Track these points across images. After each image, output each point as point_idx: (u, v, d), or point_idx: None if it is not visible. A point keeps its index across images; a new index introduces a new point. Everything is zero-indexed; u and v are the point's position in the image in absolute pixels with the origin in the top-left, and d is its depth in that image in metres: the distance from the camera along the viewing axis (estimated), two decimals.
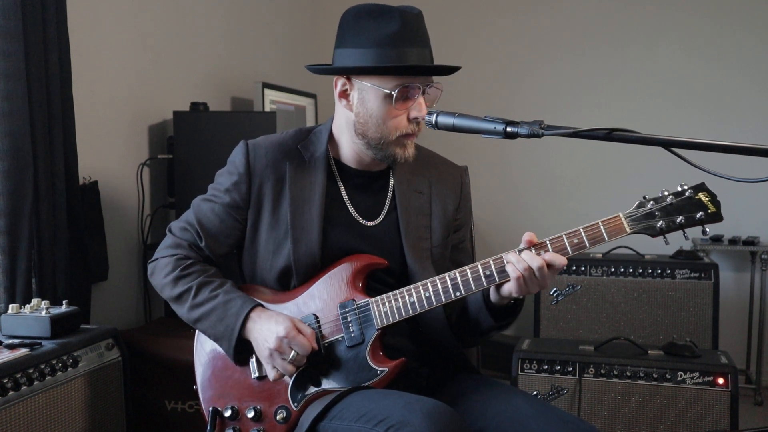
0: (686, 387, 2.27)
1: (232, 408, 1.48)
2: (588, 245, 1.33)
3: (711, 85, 3.77)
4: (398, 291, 1.43)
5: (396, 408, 1.27)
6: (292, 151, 1.55)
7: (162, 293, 1.54)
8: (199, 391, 1.54)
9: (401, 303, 1.42)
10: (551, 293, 3.17)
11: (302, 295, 1.50)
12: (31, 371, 1.64)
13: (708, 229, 1.28)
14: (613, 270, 3.16)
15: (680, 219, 1.28)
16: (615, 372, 2.34)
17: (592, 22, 3.96)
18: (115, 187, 2.62)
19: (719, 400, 2.25)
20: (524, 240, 1.36)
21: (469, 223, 1.74)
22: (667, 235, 1.31)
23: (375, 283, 1.51)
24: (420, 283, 1.42)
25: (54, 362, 1.71)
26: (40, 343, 1.73)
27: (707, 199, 1.28)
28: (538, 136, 1.19)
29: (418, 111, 1.44)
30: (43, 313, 1.80)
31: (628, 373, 2.33)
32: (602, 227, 1.32)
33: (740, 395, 2.30)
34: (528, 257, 1.31)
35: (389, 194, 1.57)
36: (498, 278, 1.37)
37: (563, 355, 2.40)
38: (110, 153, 2.61)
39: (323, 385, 1.44)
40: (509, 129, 1.21)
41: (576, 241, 1.33)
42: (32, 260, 2.07)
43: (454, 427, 1.24)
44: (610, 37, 3.93)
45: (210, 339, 1.51)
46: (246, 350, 1.48)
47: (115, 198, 2.62)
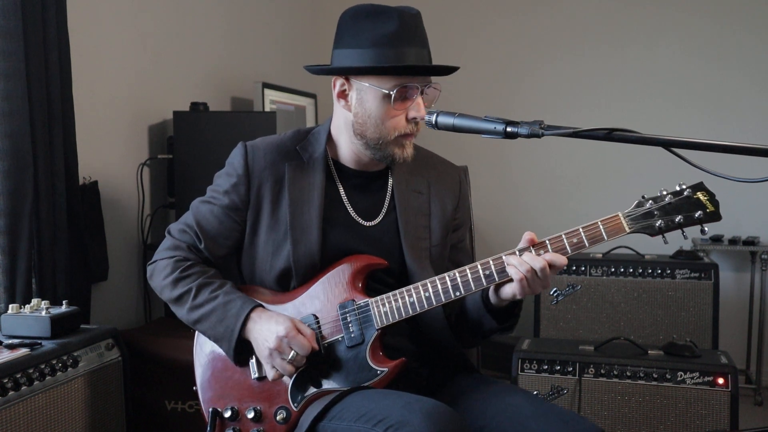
0: (686, 387, 2.27)
1: (232, 409, 1.48)
2: (587, 245, 1.33)
3: (711, 85, 3.77)
4: (398, 291, 1.43)
5: (395, 408, 1.27)
6: (291, 152, 1.55)
7: (161, 295, 1.54)
8: (199, 392, 1.54)
9: (401, 303, 1.42)
10: (551, 293, 3.17)
11: (302, 296, 1.50)
12: (31, 371, 1.64)
13: (707, 228, 1.28)
14: (613, 270, 3.16)
15: (679, 218, 1.28)
16: (615, 372, 2.34)
17: (592, 22, 3.96)
18: (115, 187, 2.62)
19: (719, 400, 2.24)
20: (525, 239, 1.35)
21: (468, 223, 1.74)
22: (667, 235, 1.31)
23: (375, 284, 1.51)
24: (420, 283, 1.42)
25: (54, 362, 1.71)
26: (40, 343, 1.73)
27: (706, 199, 1.28)
28: (538, 136, 1.19)
29: (417, 111, 1.44)
30: (43, 313, 1.80)
31: (628, 373, 2.33)
32: (601, 227, 1.32)
33: (740, 395, 2.29)
34: (529, 259, 1.31)
35: (388, 194, 1.57)
36: (498, 278, 1.37)
37: (563, 355, 2.40)
38: (110, 153, 2.61)
39: (323, 386, 1.44)
40: (509, 129, 1.21)
41: (575, 241, 1.33)
42: (32, 260, 2.07)
43: (454, 427, 1.24)
44: (610, 37, 3.93)
45: (210, 340, 1.51)
46: (246, 351, 1.48)
47: (115, 198, 2.62)
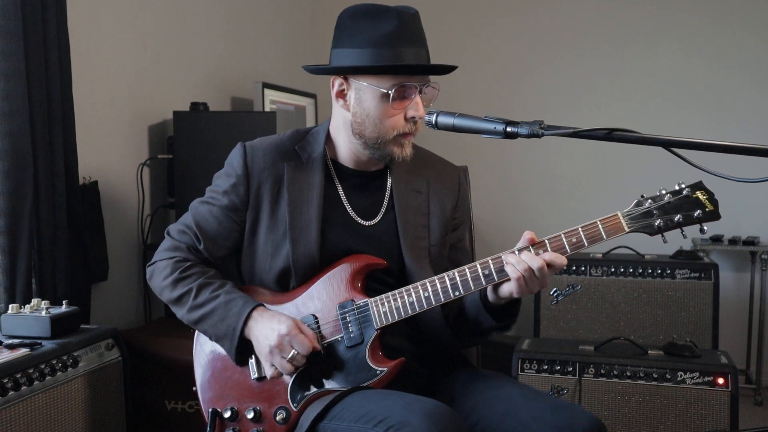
0: (686, 387, 2.27)
1: (232, 409, 1.48)
2: (587, 244, 1.33)
3: (711, 85, 3.76)
4: (397, 291, 1.43)
5: (396, 408, 1.27)
6: (290, 152, 1.55)
7: (161, 296, 1.54)
8: (199, 393, 1.53)
9: (400, 303, 1.42)
10: (551, 293, 3.16)
11: (301, 296, 1.50)
12: (31, 371, 1.64)
13: (706, 228, 1.28)
14: (613, 270, 3.15)
15: (678, 217, 1.28)
16: (615, 372, 2.34)
17: (592, 22, 3.96)
18: (115, 187, 2.62)
19: (719, 400, 2.24)
20: (525, 239, 1.36)
21: (467, 223, 1.74)
22: (666, 235, 1.31)
23: (374, 283, 1.51)
24: (419, 283, 1.42)
25: (54, 362, 1.71)
26: (40, 343, 1.73)
27: (705, 198, 1.28)
28: (538, 136, 1.19)
29: (415, 110, 1.44)
30: (43, 313, 1.80)
31: (628, 373, 2.32)
32: (600, 226, 1.32)
33: (740, 395, 2.29)
34: (528, 258, 1.31)
35: (387, 194, 1.57)
36: (497, 278, 1.37)
37: (563, 355, 2.40)
38: (110, 153, 2.61)
39: (323, 386, 1.44)
40: (509, 129, 1.21)
41: (575, 240, 1.33)
42: (32, 260, 2.07)
43: (454, 427, 1.25)
44: (610, 37, 3.93)
45: (211, 339, 1.51)
46: (247, 350, 1.48)
47: (115, 198, 2.62)
